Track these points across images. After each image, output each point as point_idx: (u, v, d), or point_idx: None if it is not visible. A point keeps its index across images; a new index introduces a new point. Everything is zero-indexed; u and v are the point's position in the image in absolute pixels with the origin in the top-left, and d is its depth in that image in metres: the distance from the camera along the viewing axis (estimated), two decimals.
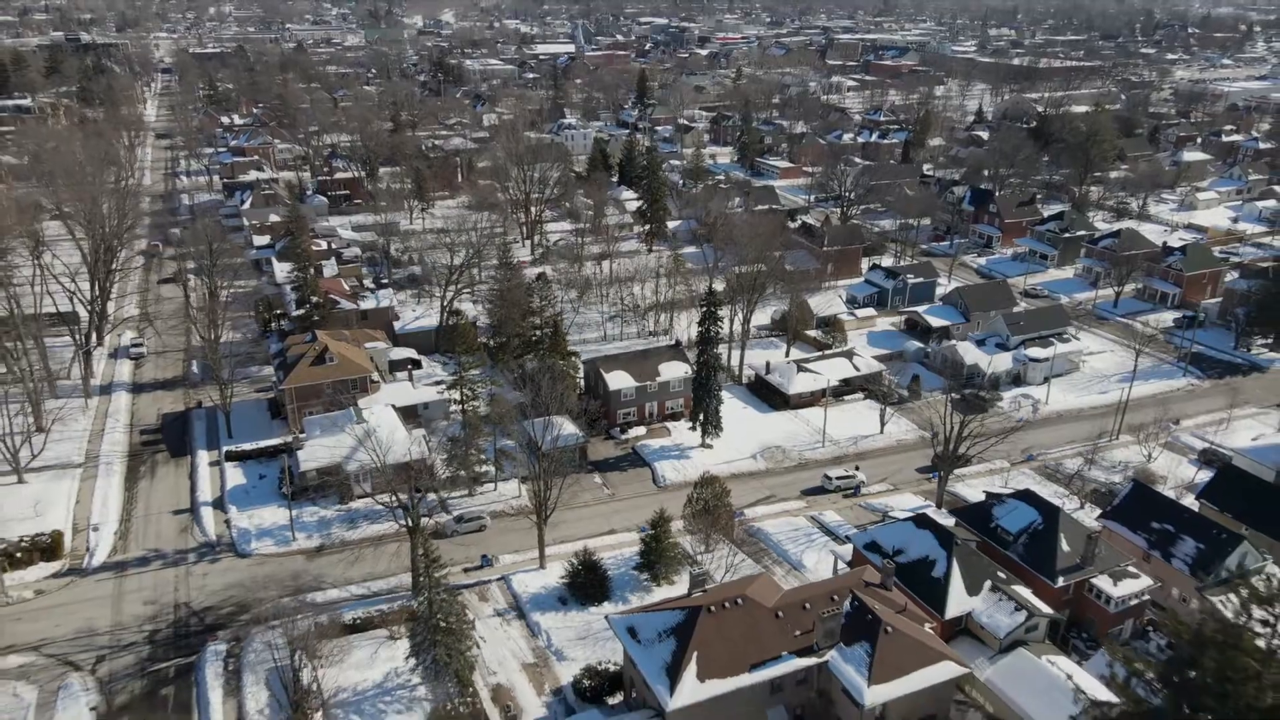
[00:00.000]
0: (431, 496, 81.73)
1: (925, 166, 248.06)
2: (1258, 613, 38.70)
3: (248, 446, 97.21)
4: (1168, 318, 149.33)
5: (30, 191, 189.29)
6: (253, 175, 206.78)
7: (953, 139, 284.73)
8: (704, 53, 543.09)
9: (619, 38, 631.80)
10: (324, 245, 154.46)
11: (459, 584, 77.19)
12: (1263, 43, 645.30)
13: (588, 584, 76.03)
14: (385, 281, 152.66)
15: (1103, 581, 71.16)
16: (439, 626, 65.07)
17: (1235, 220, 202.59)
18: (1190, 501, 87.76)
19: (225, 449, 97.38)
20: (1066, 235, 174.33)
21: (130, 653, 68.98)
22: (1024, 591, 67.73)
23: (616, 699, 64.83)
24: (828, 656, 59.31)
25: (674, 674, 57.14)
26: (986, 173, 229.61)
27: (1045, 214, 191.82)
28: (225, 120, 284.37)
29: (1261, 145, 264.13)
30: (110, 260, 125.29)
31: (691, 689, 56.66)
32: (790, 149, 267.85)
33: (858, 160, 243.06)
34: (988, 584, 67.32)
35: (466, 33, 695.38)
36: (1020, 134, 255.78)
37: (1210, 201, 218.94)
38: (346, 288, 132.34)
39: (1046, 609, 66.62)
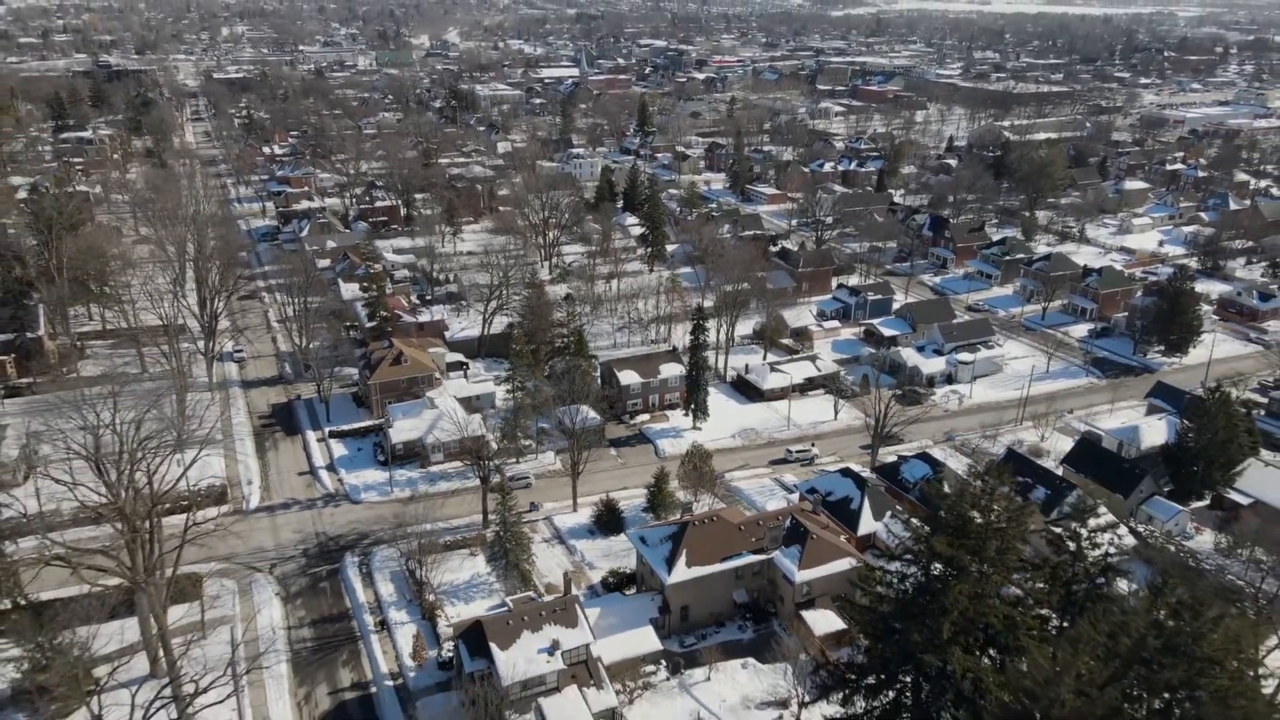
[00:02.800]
0: (495, 463, 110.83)
1: (897, 193, 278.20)
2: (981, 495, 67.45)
3: (346, 427, 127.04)
4: (1084, 329, 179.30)
5: (117, 219, 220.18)
6: (304, 205, 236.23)
7: (924, 167, 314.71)
8: (701, 77, 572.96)
9: (620, 61, 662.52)
10: (378, 267, 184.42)
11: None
12: (1235, 65, 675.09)
13: (609, 520, 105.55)
14: (429, 298, 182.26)
15: None
16: (508, 543, 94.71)
17: (1161, 244, 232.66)
18: (1058, 467, 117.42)
19: (328, 429, 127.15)
20: (1007, 258, 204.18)
21: (292, 562, 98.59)
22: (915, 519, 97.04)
23: (630, 591, 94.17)
24: (773, 555, 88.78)
25: (670, 562, 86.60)
26: (951, 199, 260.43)
27: (993, 239, 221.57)
28: (266, 150, 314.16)
29: (1200, 174, 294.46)
30: (223, 283, 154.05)
31: (681, 571, 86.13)
32: (777, 176, 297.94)
33: (836, 188, 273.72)
34: (889, 513, 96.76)
35: (473, 55, 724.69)
36: (983, 164, 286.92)
37: (1145, 226, 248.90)
38: (405, 304, 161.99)
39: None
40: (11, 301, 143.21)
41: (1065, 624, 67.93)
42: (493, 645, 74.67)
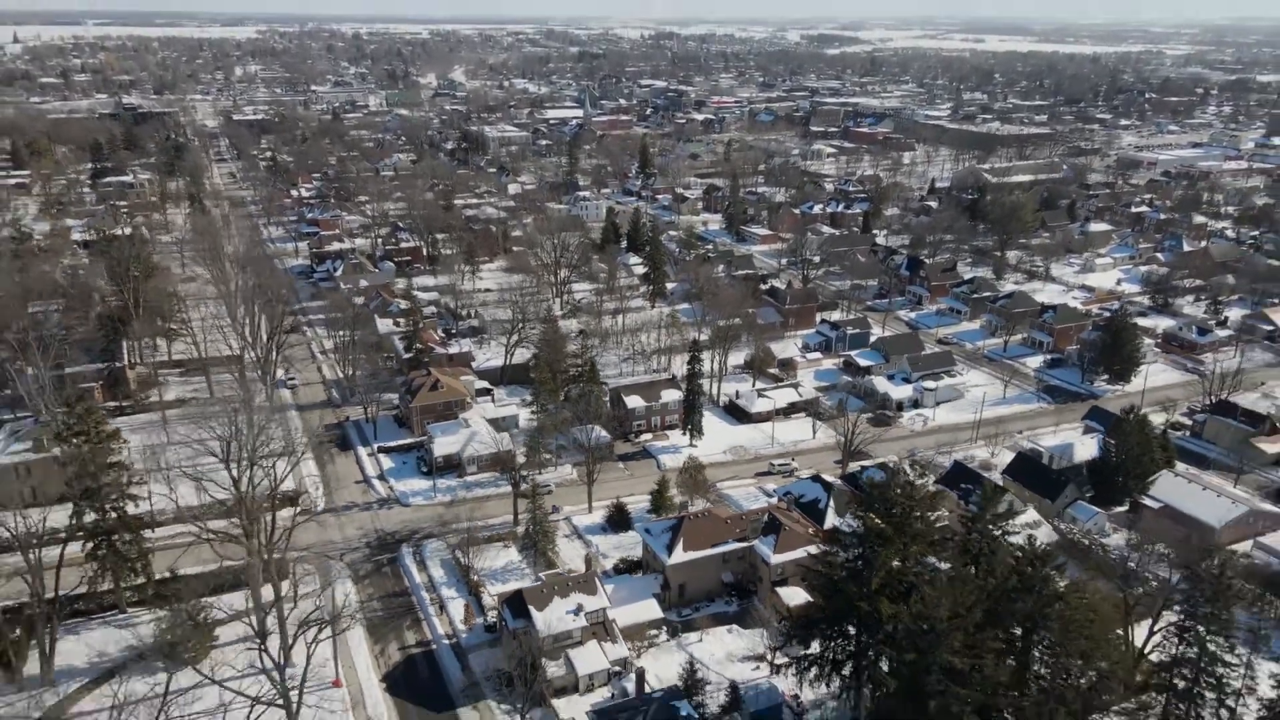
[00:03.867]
0: (524, 473, 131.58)
1: (880, 234, 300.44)
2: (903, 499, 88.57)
3: (393, 443, 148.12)
4: (1040, 360, 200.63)
5: (165, 259, 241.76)
6: (336, 246, 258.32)
7: (907, 208, 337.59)
8: (699, 118, 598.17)
9: (622, 102, 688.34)
10: (406, 304, 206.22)
11: None
12: (1214, 107, 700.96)
13: (619, 520, 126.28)
14: (454, 332, 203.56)
15: None
16: (537, 536, 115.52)
17: (1119, 282, 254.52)
18: (1000, 477, 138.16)
19: (377, 445, 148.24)
20: (974, 296, 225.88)
21: (358, 552, 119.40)
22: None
23: (638, 574, 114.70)
24: (753, 543, 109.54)
25: (670, 548, 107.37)
26: (930, 239, 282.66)
27: (964, 277, 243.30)
28: (293, 194, 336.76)
29: (1162, 216, 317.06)
30: (277, 317, 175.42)
31: (679, 555, 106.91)
32: (770, 218, 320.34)
33: (824, 229, 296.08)
34: (849, 512, 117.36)
35: (480, 95, 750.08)
36: (960, 206, 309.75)
37: (1106, 266, 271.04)
38: (436, 337, 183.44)
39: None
40: (103, 336, 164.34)
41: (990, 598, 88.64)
42: (531, 608, 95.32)
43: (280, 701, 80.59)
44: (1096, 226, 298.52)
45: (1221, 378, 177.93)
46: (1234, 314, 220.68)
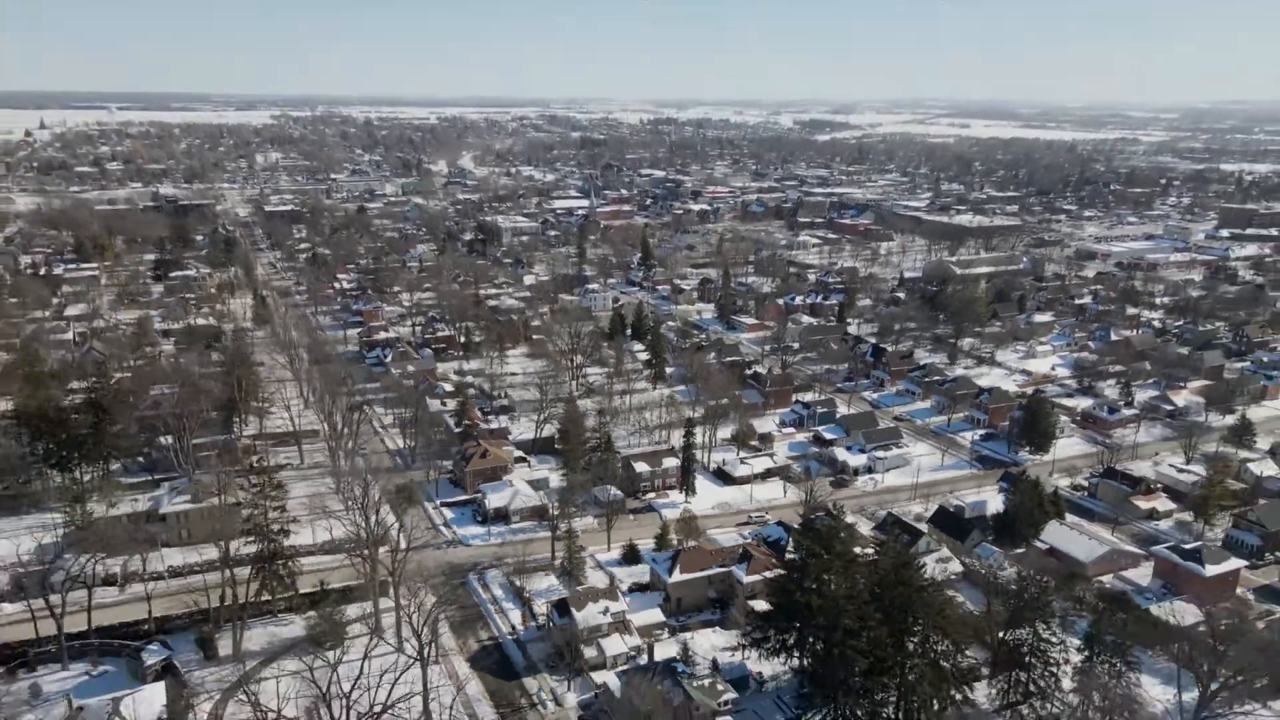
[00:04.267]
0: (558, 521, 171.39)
1: (854, 323, 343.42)
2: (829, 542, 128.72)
3: (452, 499, 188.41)
4: (977, 434, 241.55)
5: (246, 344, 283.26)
6: (383, 335, 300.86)
7: (879, 299, 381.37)
8: (695, 208, 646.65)
9: (623, 192, 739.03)
10: (451, 387, 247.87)
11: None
12: (1174, 198, 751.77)
13: (631, 555, 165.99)
14: (489, 410, 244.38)
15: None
16: (572, 566, 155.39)
17: (1054, 368, 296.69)
18: (925, 525, 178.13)
19: (440, 500, 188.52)
20: (926, 380, 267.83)
21: (436, 577, 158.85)
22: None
23: (646, 592, 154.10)
24: (732, 569, 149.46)
25: (670, 571, 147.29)
26: (896, 328, 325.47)
27: (920, 363, 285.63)
28: (335, 285, 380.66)
29: (1101, 307, 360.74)
30: (346, 398, 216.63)
31: (677, 576, 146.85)
32: (756, 308, 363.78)
33: (804, 318, 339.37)
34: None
35: (489, 183, 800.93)
36: (924, 298, 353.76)
37: (1045, 353, 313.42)
38: (478, 414, 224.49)
39: None
40: (221, 414, 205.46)
41: (876, 588, 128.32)
42: (572, 609, 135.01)
43: (395, 676, 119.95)
44: (1041, 317, 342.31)
45: (1119, 450, 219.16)
46: (1143, 395, 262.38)
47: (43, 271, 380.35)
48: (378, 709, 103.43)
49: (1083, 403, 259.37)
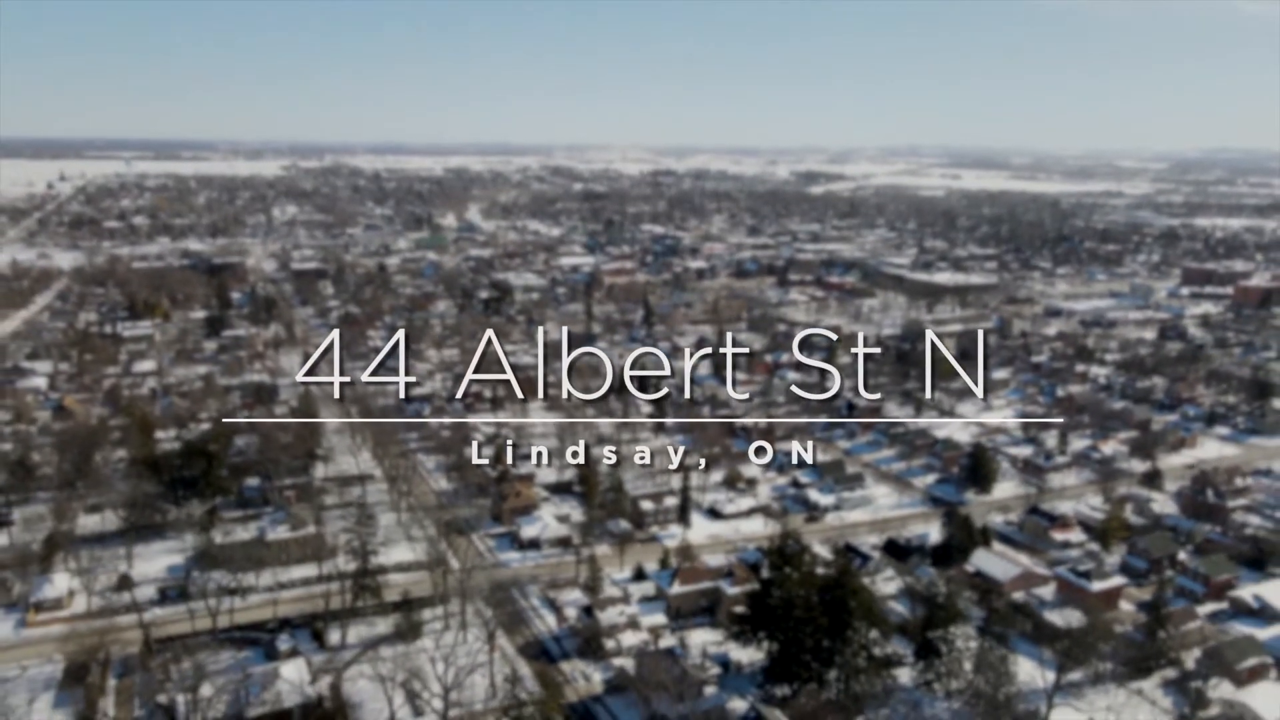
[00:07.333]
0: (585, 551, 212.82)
1: (834, 374, 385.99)
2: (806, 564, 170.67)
3: (493, 531, 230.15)
4: (931, 478, 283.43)
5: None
6: (418, 390, 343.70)
7: (854, 358, 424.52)
8: (694, 265, 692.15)
9: (626, 249, 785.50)
10: (483, 438, 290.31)
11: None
12: (1144, 256, 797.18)
13: (640, 574, 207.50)
14: (516, 458, 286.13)
15: None
16: (591, 583, 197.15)
17: (1005, 419, 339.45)
18: (878, 552, 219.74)
19: (483, 531, 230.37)
20: (890, 431, 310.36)
21: (484, 592, 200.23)
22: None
23: (652, 601, 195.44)
24: (719, 583, 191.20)
25: (671, 584, 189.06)
26: (870, 382, 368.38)
27: (888, 417, 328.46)
28: (368, 342, 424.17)
29: (1056, 364, 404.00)
30: (398, 448, 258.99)
31: (676, 588, 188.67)
32: (748, 364, 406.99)
33: (789, 374, 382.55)
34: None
35: (498, 237, 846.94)
36: (897, 354, 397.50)
37: (1000, 406, 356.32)
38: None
39: None
40: (303, 458, 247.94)
41: (827, 596, 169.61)
42: (595, 611, 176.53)
43: (462, 660, 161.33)
44: (1000, 373, 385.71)
45: (1049, 492, 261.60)
46: (1078, 445, 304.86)
47: (107, 329, 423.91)
48: (455, 681, 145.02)
49: (1024, 451, 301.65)
